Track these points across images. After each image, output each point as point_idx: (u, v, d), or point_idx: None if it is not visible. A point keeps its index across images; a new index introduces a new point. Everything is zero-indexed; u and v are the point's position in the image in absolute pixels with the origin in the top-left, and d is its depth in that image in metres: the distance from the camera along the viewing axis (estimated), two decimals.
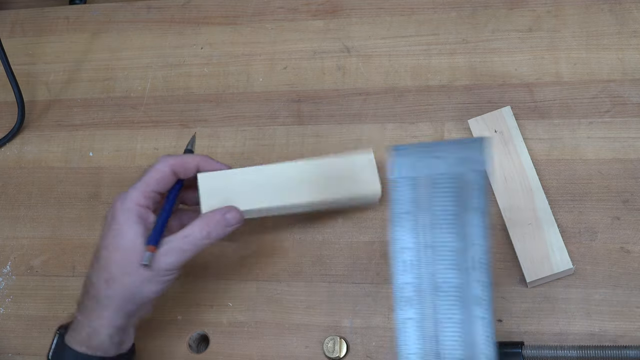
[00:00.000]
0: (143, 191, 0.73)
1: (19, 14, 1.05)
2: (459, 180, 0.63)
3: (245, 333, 0.81)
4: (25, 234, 0.92)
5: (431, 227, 0.64)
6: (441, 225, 0.63)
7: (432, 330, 0.63)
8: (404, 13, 0.92)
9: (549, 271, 0.75)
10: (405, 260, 0.64)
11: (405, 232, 0.64)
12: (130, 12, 1.01)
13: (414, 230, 0.64)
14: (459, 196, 0.63)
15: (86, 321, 0.72)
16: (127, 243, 0.72)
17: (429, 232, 0.64)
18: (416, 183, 0.64)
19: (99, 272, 0.73)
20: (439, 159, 0.64)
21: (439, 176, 0.64)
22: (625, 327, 0.74)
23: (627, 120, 0.81)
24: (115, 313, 0.72)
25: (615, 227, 0.77)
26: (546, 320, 0.75)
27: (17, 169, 0.96)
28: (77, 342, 0.72)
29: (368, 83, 0.89)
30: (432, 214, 0.64)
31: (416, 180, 0.64)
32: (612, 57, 0.84)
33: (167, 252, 0.72)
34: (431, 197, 0.64)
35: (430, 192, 0.64)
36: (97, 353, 0.72)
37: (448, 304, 0.63)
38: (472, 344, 0.62)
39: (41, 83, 1.00)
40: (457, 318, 0.62)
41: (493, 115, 0.83)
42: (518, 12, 0.88)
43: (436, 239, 0.64)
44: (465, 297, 0.62)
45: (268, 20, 0.96)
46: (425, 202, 0.64)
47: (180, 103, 0.94)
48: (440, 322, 0.63)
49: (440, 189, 0.64)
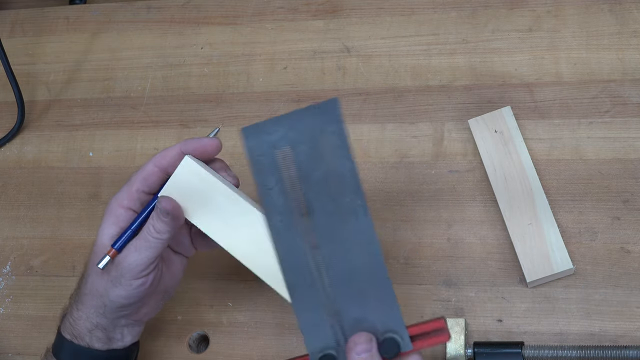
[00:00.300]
0: (127, 192, 0.71)
1: (19, 14, 1.05)
2: (319, 144, 0.63)
3: (245, 333, 0.81)
4: (25, 234, 0.92)
5: (304, 194, 0.64)
6: (312, 189, 0.64)
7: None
8: (404, 13, 0.92)
9: (549, 271, 0.75)
10: (278, 227, 0.64)
11: (276, 204, 0.64)
12: (130, 12, 1.01)
13: (285, 200, 0.64)
14: (323, 158, 0.63)
15: (71, 310, 0.73)
16: (98, 244, 0.71)
17: (302, 197, 0.64)
18: (277, 156, 0.64)
19: (86, 267, 0.73)
20: (293, 129, 0.64)
21: (298, 145, 0.63)
22: (625, 327, 0.74)
23: (627, 120, 0.81)
24: (91, 310, 0.71)
25: (616, 227, 0.77)
26: (546, 320, 0.75)
27: (17, 169, 0.96)
28: (65, 329, 0.73)
29: (368, 83, 0.89)
30: (300, 181, 0.64)
31: (276, 154, 0.64)
32: (612, 57, 0.84)
33: (126, 253, 0.69)
34: (297, 165, 0.64)
35: (293, 161, 0.64)
36: (81, 343, 0.71)
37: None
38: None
39: (41, 83, 1.00)
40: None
41: (493, 115, 0.83)
42: (518, 12, 0.88)
43: (309, 201, 0.64)
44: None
45: (268, 20, 0.96)
46: (291, 171, 0.64)
47: (180, 103, 0.94)
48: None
49: (303, 156, 0.63)
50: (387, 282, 0.63)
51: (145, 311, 0.74)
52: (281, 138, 0.64)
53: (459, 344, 0.74)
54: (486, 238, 0.80)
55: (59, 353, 0.73)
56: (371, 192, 0.84)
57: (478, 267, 0.79)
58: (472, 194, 0.82)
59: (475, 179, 0.82)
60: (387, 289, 0.63)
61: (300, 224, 0.64)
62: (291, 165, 0.64)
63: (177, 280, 0.75)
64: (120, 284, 0.69)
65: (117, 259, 0.69)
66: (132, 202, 0.71)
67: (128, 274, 0.69)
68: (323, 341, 0.64)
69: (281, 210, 0.64)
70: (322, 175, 0.63)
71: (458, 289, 0.78)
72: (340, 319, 0.64)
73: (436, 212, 0.82)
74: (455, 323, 0.75)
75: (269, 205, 0.64)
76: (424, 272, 0.80)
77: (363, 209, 0.63)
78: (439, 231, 0.81)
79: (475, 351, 0.73)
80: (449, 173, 0.83)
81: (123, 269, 0.69)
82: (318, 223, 0.64)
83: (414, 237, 0.81)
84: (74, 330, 0.72)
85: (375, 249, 0.63)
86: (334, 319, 0.64)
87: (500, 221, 0.79)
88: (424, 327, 0.63)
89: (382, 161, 0.85)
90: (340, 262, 0.64)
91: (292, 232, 0.64)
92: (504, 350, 0.73)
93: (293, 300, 0.65)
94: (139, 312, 0.73)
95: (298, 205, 0.64)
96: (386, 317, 0.63)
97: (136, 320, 0.74)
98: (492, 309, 0.77)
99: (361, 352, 0.62)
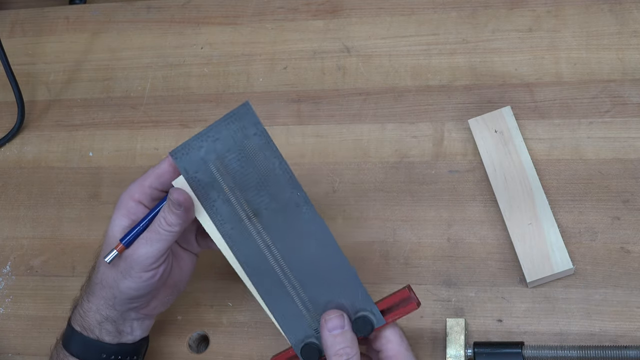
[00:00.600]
0: (140, 185, 0.71)
1: (19, 14, 1.05)
2: (245, 148, 0.66)
3: (245, 333, 0.81)
4: (25, 234, 0.92)
5: (246, 199, 0.67)
6: (252, 192, 0.67)
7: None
8: (404, 13, 0.92)
9: (549, 271, 0.75)
10: (231, 234, 0.68)
11: (223, 214, 0.67)
12: (130, 12, 1.01)
13: (230, 208, 0.67)
14: (254, 161, 0.67)
15: (81, 302, 0.73)
16: (109, 235, 0.71)
17: (244, 202, 0.67)
18: (211, 170, 0.67)
19: (96, 258, 0.73)
20: (218, 140, 0.66)
21: (227, 154, 0.67)
22: (625, 327, 0.74)
23: (627, 120, 0.81)
24: (101, 301, 0.71)
25: (616, 227, 0.77)
26: (546, 320, 0.75)
27: (17, 169, 0.96)
28: (75, 320, 0.73)
29: (368, 83, 0.89)
30: (239, 187, 0.67)
31: (209, 167, 0.67)
32: (612, 57, 0.84)
33: (137, 245, 0.69)
34: (230, 173, 0.67)
35: (227, 170, 0.67)
36: (91, 336, 0.72)
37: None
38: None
39: (41, 83, 1.00)
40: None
41: (493, 115, 0.83)
42: (518, 12, 0.88)
43: (252, 205, 0.67)
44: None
45: (268, 20, 0.96)
46: (227, 180, 0.67)
47: (180, 103, 0.94)
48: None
49: (234, 163, 0.67)
50: (345, 264, 0.66)
51: (155, 305, 0.74)
52: (209, 151, 0.66)
53: (459, 344, 0.74)
54: (486, 238, 0.80)
55: (69, 345, 0.73)
56: (371, 192, 0.84)
57: (478, 267, 0.79)
58: (472, 194, 0.82)
59: (475, 179, 0.82)
60: (348, 271, 0.66)
61: (251, 226, 0.67)
62: (226, 175, 0.67)
63: (187, 276, 0.75)
64: (130, 275, 0.69)
65: (128, 251, 0.69)
66: (144, 196, 0.71)
67: (138, 267, 0.69)
68: (302, 331, 0.68)
69: (229, 219, 0.67)
70: (257, 177, 0.66)
71: (458, 289, 0.78)
72: (312, 307, 0.67)
73: (436, 212, 0.82)
74: (455, 323, 0.75)
75: (217, 216, 0.67)
76: (424, 272, 0.80)
77: (304, 199, 0.66)
78: (439, 231, 0.81)
79: (475, 351, 0.73)
80: (449, 173, 0.83)
81: (133, 261, 0.69)
82: (266, 223, 0.67)
83: (414, 237, 0.81)
84: (84, 322, 0.72)
85: (327, 235, 0.66)
86: (306, 308, 0.67)
87: (500, 221, 0.79)
88: (392, 300, 0.66)
89: (382, 161, 0.85)
90: (297, 254, 0.67)
91: (246, 236, 0.67)
92: (504, 350, 0.73)
93: (264, 299, 0.68)
94: (148, 306, 0.73)
95: (244, 209, 0.67)
96: (354, 298, 0.67)
97: (146, 314, 0.74)
98: (492, 309, 0.77)
99: (333, 328, 0.66)
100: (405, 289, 0.67)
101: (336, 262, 0.67)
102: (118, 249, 0.69)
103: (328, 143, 0.88)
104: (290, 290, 0.68)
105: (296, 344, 0.69)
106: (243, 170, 0.66)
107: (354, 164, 0.86)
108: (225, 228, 0.68)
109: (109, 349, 0.72)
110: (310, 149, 0.88)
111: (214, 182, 0.67)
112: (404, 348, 0.67)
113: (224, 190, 0.67)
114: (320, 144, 0.88)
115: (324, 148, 0.87)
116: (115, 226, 0.71)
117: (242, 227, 0.67)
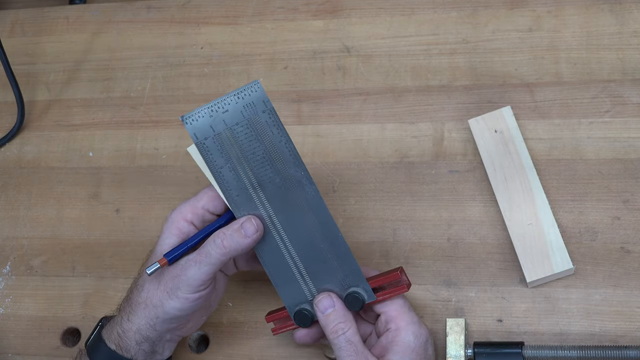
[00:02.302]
0: (192, 206, 0.72)
1: (19, 14, 1.05)
2: (254, 123, 0.69)
3: (245, 333, 0.81)
4: (25, 234, 0.92)
5: (250, 169, 0.70)
6: (258, 166, 0.70)
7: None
8: (404, 13, 0.92)
9: (549, 271, 0.75)
10: (238, 201, 0.71)
11: (229, 180, 0.70)
12: (130, 12, 1.01)
13: (236, 176, 0.70)
14: (261, 137, 0.69)
15: (120, 320, 0.73)
16: (157, 252, 0.72)
17: (250, 172, 0.70)
18: (219, 139, 0.69)
19: (139, 274, 0.74)
20: (227, 112, 0.69)
21: (235, 127, 0.69)
22: (626, 327, 0.74)
23: (627, 120, 0.81)
24: (143, 321, 0.71)
25: (616, 227, 0.77)
26: (546, 320, 0.75)
27: (17, 169, 0.96)
28: (109, 338, 0.73)
29: (368, 83, 0.89)
30: (246, 159, 0.70)
31: (218, 136, 0.69)
32: (612, 57, 0.84)
33: (185, 266, 0.69)
34: (238, 145, 0.69)
35: (235, 141, 0.69)
36: (125, 355, 0.72)
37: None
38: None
39: (41, 83, 1.00)
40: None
41: (493, 115, 0.83)
42: (518, 12, 0.88)
43: (257, 176, 0.70)
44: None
45: (268, 20, 0.96)
46: (235, 150, 0.69)
47: (180, 103, 0.94)
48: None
49: (242, 135, 0.69)
50: (341, 241, 0.70)
51: (190, 326, 0.75)
52: (218, 121, 0.69)
53: (459, 344, 0.74)
54: (486, 238, 0.80)
55: (96, 356, 0.73)
56: (371, 192, 0.84)
57: (478, 267, 0.79)
58: (472, 194, 0.82)
59: (475, 179, 0.82)
60: (343, 247, 0.70)
61: (255, 196, 0.70)
62: (234, 145, 0.70)
63: (220, 296, 0.77)
64: (177, 296, 0.70)
65: (175, 272, 0.70)
66: (196, 217, 0.72)
67: (185, 288, 0.69)
68: (297, 297, 0.72)
69: (235, 186, 0.70)
70: (263, 152, 0.69)
71: (458, 289, 0.78)
72: (308, 277, 0.72)
73: (436, 212, 0.82)
74: (455, 323, 0.75)
75: (224, 183, 0.70)
76: (424, 272, 0.80)
77: (307, 179, 0.70)
78: (439, 231, 0.81)
79: (475, 351, 0.73)
80: (449, 173, 0.83)
81: (181, 282, 0.69)
82: (269, 194, 0.70)
83: (414, 237, 0.81)
84: (121, 342, 0.72)
85: (325, 213, 0.70)
86: (301, 277, 0.72)
87: (500, 221, 0.79)
88: (384, 280, 0.71)
89: (382, 161, 0.85)
90: (297, 228, 0.71)
91: (250, 204, 0.70)
92: (504, 350, 0.73)
93: (264, 263, 0.72)
94: (185, 327, 0.74)
95: (249, 179, 0.70)
96: (347, 273, 0.71)
97: (179, 335, 0.75)
98: (492, 309, 0.77)
99: (324, 309, 0.70)
100: (397, 272, 0.70)
101: (332, 238, 0.70)
102: (161, 263, 0.69)
103: (328, 143, 0.88)
104: (288, 259, 0.71)
105: (290, 307, 0.73)
106: (250, 143, 0.69)
107: (354, 164, 0.86)
108: (231, 194, 0.70)
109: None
110: (310, 149, 0.88)
111: (222, 150, 0.69)
112: (406, 308, 0.71)
113: (231, 158, 0.69)
114: (320, 144, 0.88)
115: (324, 148, 0.87)
116: (164, 244, 0.71)
117: (247, 195, 0.70)
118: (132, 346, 0.72)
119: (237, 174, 0.70)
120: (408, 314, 0.70)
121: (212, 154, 0.70)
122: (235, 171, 0.70)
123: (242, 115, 0.69)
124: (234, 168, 0.70)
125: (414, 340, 0.69)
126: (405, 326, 0.69)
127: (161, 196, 0.89)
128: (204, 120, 0.69)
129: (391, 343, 0.69)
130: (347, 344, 0.69)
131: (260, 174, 0.70)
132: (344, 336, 0.69)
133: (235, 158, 0.70)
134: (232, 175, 0.70)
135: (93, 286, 0.87)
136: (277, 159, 0.69)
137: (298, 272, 0.72)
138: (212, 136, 0.69)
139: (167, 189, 0.90)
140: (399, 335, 0.69)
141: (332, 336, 0.70)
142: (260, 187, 0.70)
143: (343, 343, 0.69)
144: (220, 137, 0.69)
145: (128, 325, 0.72)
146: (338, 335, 0.69)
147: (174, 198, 0.89)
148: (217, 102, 0.69)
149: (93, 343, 0.74)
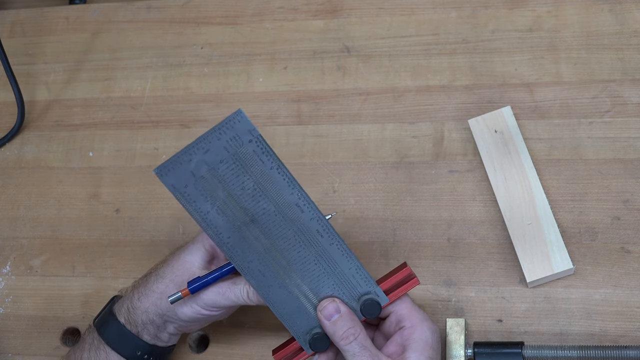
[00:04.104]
0: None
1: (19, 14, 1.05)
2: (240, 157, 0.64)
3: (245, 333, 0.81)
4: (25, 234, 0.92)
5: (240, 206, 0.66)
6: (249, 199, 0.66)
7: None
8: (404, 13, 0.92)
9: (549, 271, 0.75)
10: (229, 243, 0.67)
11: (218, 224, 0.66)
12: (130, 12, 1.01)
13: (225, 218, 0.66)
14: (249, 168, 0.65)
15: (131, 297, 0.74)
16: (188, 259, 0.73)
17: (240, 210, 0.66)
18: (202, 183, 0.65)
19: (163, 264, 0.75)
20: (209, 151, 0.64)
21: (219, 165, 0.64)
22: (625, 327, 0.74)
23: (627, 120, 0.81)
24: (151, 307, 0.73)
25: (615, 227, 0.77)
26: (546, 320, 0.75)
27: (17, 169, 0.96)
28: (120, 311, 0.74)
29: (368, 83, 0.89)
30: (234, 196, 0.66)
31: (200, 180, 0.65)
32: (612, 57, 0.84)
33: (209, 291, 0.71)
34: (224, 184, 0.65)
35: (219, 180, 0.65)
36: (132, 330, 0.73)
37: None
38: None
39: (41, 83, 1.00)
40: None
41: (493, 115, 0.83)
42: (518, 12, 0.88)
43: (249, 212, 0.66)
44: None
45: (268, 20, 0.96)
46: (221, 191, 0.65)
47: (180, 103, 0.94)
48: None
49: (227, 173, 0.65)
50: (351, 255, 0.68)
51: (195, 327, 0.77)
52: (199, 164, 0.64)
53: (459, 344, 0.74)
54: (486, 238, 0.80)
55: (104, 332, 0.74)
56: (371, 192, 0.84)
57: (478, 267, 0.79)
58: (472, 194, 0.82)
59: (475, 179, 0.82)
60: (354, 262, 0.68)
61: (248, 233, 0.67)
62: (219, 185, 0.65)
63: (232, 312, 0.77)
64: (191, 307, 0.72)
65: (202, 289, 0.71)
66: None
67: (202, 304, 0.71)
68: (307, 324, 0.69)
69: (226, 228, 0.67)
70: (254, 184, 0.65)
71: (458, 289, 0.78)
72: (315, 299, 0.69)
73: (436, 212, 0.82)
74: (455, 323, 0.75)
75: (212, 228, 0.67)
76: (423, 272, 0.80)
77: (304, 200, 0.66)
78: (439, 231, 0.81)
79: (475, 351, 0.73)
80: (449, 173, 0.83)
81: (200, 299, 0.71)
82: (264, 227, 0.67)
83: (414, 237, 0.81)
84: (130, 317, 0.74)
85: (328, 229, 0.67)
86: (308, 301, 0.69)
87: (500, 221, 0.79)
88: (394, 279, 0.69)
89: (382, 161, 0.85)
90: (298, 250, 0.67)
91: (245, 243, 0.67)
92: (504, 350, 0.73)
93: (265, 298, 0.69)
94: (189, 327, 0.76)
95: (240, 218, 0.66)
96: (356, 284, 0.68)
97: (181, 331, 0.77)
98: (492, 309, 0.77)
99: (330, 316, 0.68)
100: (406, 268, 0.69)
101: (340, 254, 0.68)
102: (183, 294, 0.70)
103: (328, 143, 0.88)
104: (292, 286, 0.68)
105: (301, 336, 0.70)
106: (238, 179, 0.65)
107: (354, 164, 0.86)
108: (222, 238, 0.67)
109: (143, 346, 0.74)
110: (310, 149, 0.88)
111: (206, 194, 0.65)
112: (415, 305, 0.70)
113: (217, 200, 0.66)
114: (320, 144, 0.88)
115: (324, 148, 0.87)
116: (196, 254, 0.73)
117: (239, 235, 0.67)
118: (138, 323, 0.73)
119: (225, 215, 0.66)
120: (418, 310, 0.69)
121: (195, 201, 0.65)
122: (223, 213, 0.66)
123: (226, 151, 0.64)
124: (222, 210, 0.66)
125: (431, 335, 0.68)
126: (421, 322, 0.68)
127: (161, 196, 0.89)
128: (181, 168, 0.64)
129: (408, 340, 0.68)
130: (362, 349, 0.66)
131: (253, 207, 0.66)
132: (357, 342, 0.67)
133: (222, 199, 0.65)
134: (220, 218, 0.66)
135: (93, 286, 0.87)
136: (269, 187, 0.65)
137: (305, 298, 0.69)
138: (193, 182, 0.64)
139: (167, 189, 0.89)
140: (416, 332, 0.68)
141: (343, 343, 0.67)
142: (254, 222, 0.66)
143: (357, 349, 0.66)
144: (202, 181, 0.65)
145: (137, 304, 0.73)
146: (350, 341, 0.67)
147: (174, 198, 0.88)
148: (196, 144, 0.64)
149: (103, 318, 0.75)
